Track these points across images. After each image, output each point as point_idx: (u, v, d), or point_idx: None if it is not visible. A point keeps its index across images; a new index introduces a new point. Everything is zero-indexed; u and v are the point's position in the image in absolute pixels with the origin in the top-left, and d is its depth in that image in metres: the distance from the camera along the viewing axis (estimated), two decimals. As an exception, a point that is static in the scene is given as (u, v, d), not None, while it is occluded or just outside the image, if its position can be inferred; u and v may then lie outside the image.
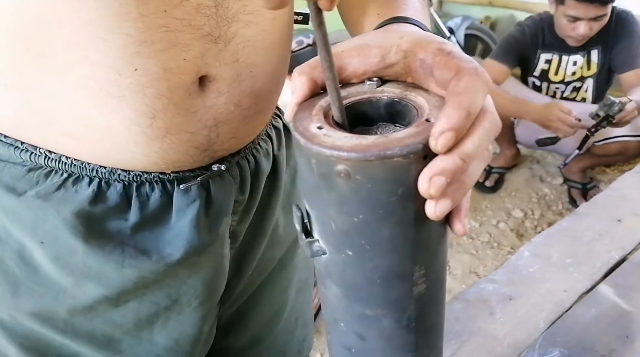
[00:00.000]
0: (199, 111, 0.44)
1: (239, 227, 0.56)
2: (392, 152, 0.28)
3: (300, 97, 0.34)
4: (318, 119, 0.32)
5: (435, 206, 0.29)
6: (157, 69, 0.40)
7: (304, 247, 0.35)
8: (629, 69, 2.11)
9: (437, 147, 0.27)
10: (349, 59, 0.34)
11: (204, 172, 0.49)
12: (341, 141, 0.29)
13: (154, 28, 0.39)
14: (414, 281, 0.34)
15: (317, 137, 0.30)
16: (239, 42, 0.44)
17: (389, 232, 0.31)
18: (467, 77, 0.30)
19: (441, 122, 0.28)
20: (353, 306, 0.36)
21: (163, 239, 0.48)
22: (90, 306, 0.48)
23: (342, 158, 0.28)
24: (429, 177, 0.28)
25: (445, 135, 0.27)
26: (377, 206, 0.30)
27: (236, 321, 0.65)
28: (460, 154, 0.28)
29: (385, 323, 0.36)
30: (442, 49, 0.32)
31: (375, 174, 0.28)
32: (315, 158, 0.29)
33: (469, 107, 0.28)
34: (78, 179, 0.45)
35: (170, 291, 0.51)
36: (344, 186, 0.29)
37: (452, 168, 0.28)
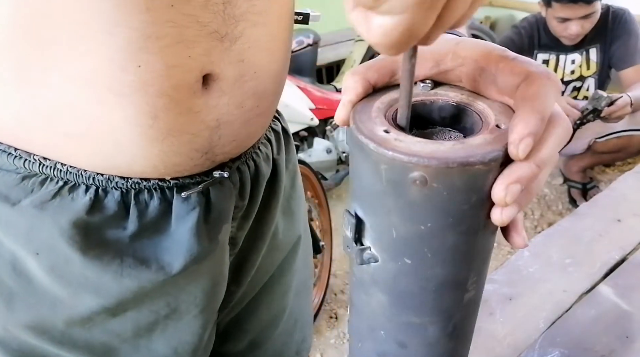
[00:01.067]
0: (202, 111, 0.44)
1: (239, 234, 0.55)
2: (474, 160, 0.27)
3: (354, 97, 0.33)
4: (381, 122, 0.30)
5: (502, 212, 0.28)
6: (161, 65, 0.39)
7: (354, 255, 0.33)
8: (627, 66, 2.12)
9: (518, 153, 0.27)
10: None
11: (204, 179, 0.48)
12: (417, 147, 0.27)
13: (161, 23, 0.38)
14: (466, 288, 0.33)
15: (389, 142, 0.28)
16: (245, 42, 0.43)
17: (454, 240, 0.30)
18: (538, 81, 0.29)
19: (519, 128, 0.27)
20: (400, 314, 0.35)
21: (162, 248, 0.47)
22: (88, 317, 0.47)
23: (420, 164, 0.27)
24: (507, 184, 0.27)
25: (525, 141, 0.27)
26: (449, 214, 0.29)
27: (235, 327, 0.64)
28: (536, 161, 0.28)
29: (430, 331, 0.35)
30: (505, 55, 0.31)
31: (454, 181, 0.27)
32: (388, 164, 0.28)
33: (543, 111, 0.28)
34: (74, 186, 0.43)
35: (169, 299, 0.50)
36: (417, 192, 0.28)
37: (528, 175, 0.27)
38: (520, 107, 0.28)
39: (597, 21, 2.11)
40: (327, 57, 2.70)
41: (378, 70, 0.34)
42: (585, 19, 2.05)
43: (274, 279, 0.64)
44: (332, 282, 1.92)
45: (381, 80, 0.34)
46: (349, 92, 0.33)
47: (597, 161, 2.33)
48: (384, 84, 0.34)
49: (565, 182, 2.44)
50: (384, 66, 0.34)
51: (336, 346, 1.75)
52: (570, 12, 2.02)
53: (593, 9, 2.02)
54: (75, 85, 0.39)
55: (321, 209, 1.78)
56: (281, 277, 0.65)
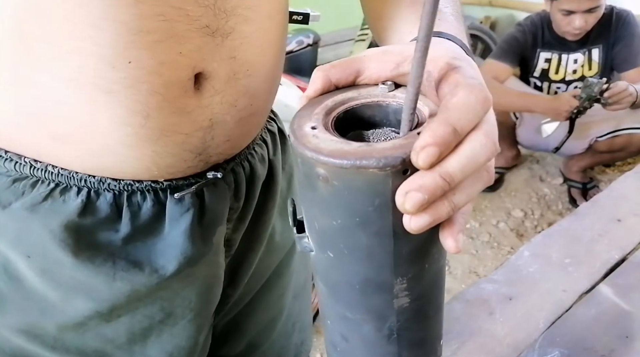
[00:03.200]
0: (194, 111, 0.43)
1: (234, 236, 0.54)
2: (367, 163, 0.27)
3: (312, 92, 0.34)
4: (316, 119, 0.31)
5: (410, 220, 0.28)
6: (152, 62, 0.39)
7: (296, 241, 0.35)
8: (630, 67, 2.13)
9: (418, 161, 0.26)
10: (368, 63, 0.34)
11: (198, 180, 0.47)
12: (324, 144, 0.28)
13: (150, 16, 0.37)
14: (394, 293, 0.33)
15: (305, 137, 0.29)
16: (236, 38, 0.43)
17: (367, 241, 0.30)
18: (461, 93, 0.28)
19: (424, 136, 0.27)
20: (336, 307, 0.36)
21: (156, 251, 0.46)
22: (81, 321, 0.47)
23: (320, 161, 0.28)
24: (405, 191, 0.27)
25: (427, 150, 0.26)
26: (354, 214, 0.29)
27: (232, 330, 0.63)
28: (441, 172, 0.27)
29: (365, 329, 0.36)
30: (451, 63, 0.31)
31: (351, 182, 0.28)
32: (300, 157, 0.29)
33: (456, 123, 0.27)
34: (66, 189, 0.43)
35: (163, 304, 0.49)
36: (323, 188, 0.29)
37: (431, 185, 0.27)
38: (437, 116, 0.28)
39: (600, 22, 2.11)
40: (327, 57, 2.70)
41: (342, 70, 0.34)
42: (590, 13, 2.05)
43: (271, 281, 0.64)
44: (332, 282, 1.92)
45: (344, 79, 0.34)
46: (309, 87, 0.34)
47: (597, 160, 2.33)
48: (347, 83, 0.34)
49: (565, 182, 2.43)
50: (349, 66, 0.34)
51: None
52: (575, 4, 2.02)
53: (598, 2, 2.02)
54: (63, 84, 0.38)
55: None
56: (278, 279, 0.65)
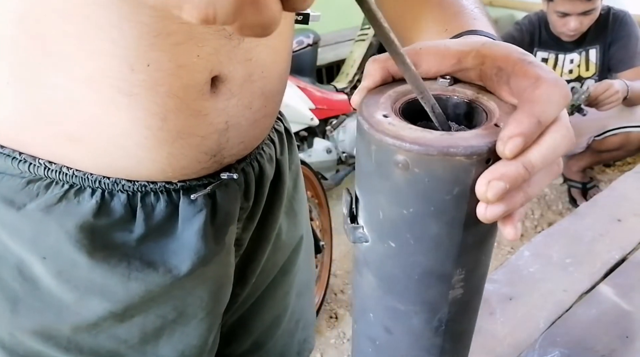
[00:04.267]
0: (211, 113, 0.43)
1: (244, 235, 0.55)
2: (455, 150, 0.27)
3: (371, 83, 0.34)
4: (385, 107, 0.31)
5: (486, 209, 0.28)
6: (171, 64, 0.39)
7: (347, 232, 0.34)
8: (627, 67, 2.13)
9: (504, 151, 0.27)
10: (425, 56, 0.34)
11: (210, 180, 0.48)
12: (405, 131, 0.28)
13: (170, 18, 0.37)
14: (452, 284, 0.33)
15: (381, 124, 0.29)
16: (252, 40, 0.43)
17: (437, 230, 0.30)
18: (544, 86, 0.29)
19: (511, 127, 0.27)
20: (386, 298, 0.36)
21: (169, 251, 0.47)
22: (95, 322, 0.47)
23: (403, 148, 0.28)
24: (488, 180, 0.27)
25: (514, 140, 0.27)
26: (430, 202, 0.29)
27: (238, 329, 0.64)
28: (524, 162, 0.27)
29: (415, 321, 0.35)
30: (523, 58, 0.31)
31: (434, 169, 0.28)
32: (376, 144, 0.29)
33: (541, 115, 0.28)
34: (80, 190, 0.43)
35: (176, 303, 0.50)
36: (400, 176, 0.29)
37: (514, 174, 0.27)
38: (520, 108, 0.29)
39: (597, 22, 2.11)
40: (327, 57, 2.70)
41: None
42: (585, 15, 2.05)
43: (277, 280, 0.64)
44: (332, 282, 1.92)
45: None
46: (367, 78, 0.34)
47: (596, 160, 2.33)
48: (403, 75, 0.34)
49: (565, 182, 2.44)
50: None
51: (336, 346, 1.75)
52: (571, 6, 2.03)
53: (593, 5, 2.03)
54: (82, 85, 0.38)
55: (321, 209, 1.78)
56: (284, 278, 0.65)
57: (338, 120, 2.22)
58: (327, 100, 2.14)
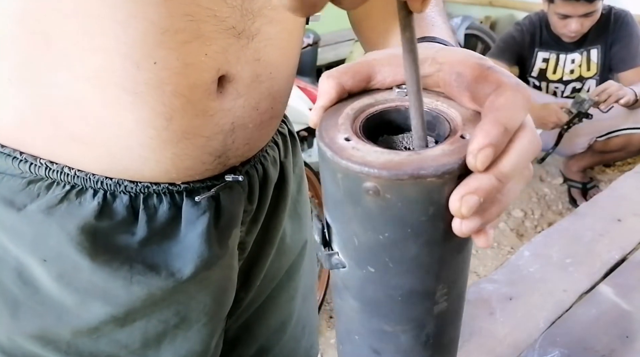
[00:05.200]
0: (217, 114, 0.43)
1: (247, 238, 0.54)
2: (426, 172, 0.26)
3: (327, 101, 0.32)
4: (345, 129, 0.30)
5: (461, 223, 0.27)
6: (178, 63, 0.38)
7: (322, 259, 0.33)
8: (628, 67, 2.13)
9: (476, 164, 0.26)
10: (379, 67, 0.33)
11: (214, 183, 0.47)
12: (371, 156, 0.27)
13: (178, 16, 0.37)
14: (435, 299, 0.32)
15: (346, 151, 0.28)
16: (261, 40, 0.43)
17: (416, 251, 0.29)
18: (508, 93, 0.28)
19: (479, 138, 0.26)
20: (371, 321, 0.35)
21: (172, 254, 0.46)
22: (96, 326, 0.46)
23: (372, 175, 0.26)
24: (461, 195, 0.26)
25: (484, 151, 0.26)
26: (406, 225, 0.28)
27: (244, 334, 0.63)
28: (496, 173, 0.27)
29: (402, 339, 0.35)
30: (481, 63, 0.31)
31: (406, 193, 0.27)
32: (342, 172, 0.28)
33: (507, 122, 0.27)
34: (82, 191, 0.42)
35: (179, 308, 0.49)
36: (372, 203, 0.28)
37: (487, 187, 0.26)
38: (485, 117, 0.28)
39: (599, 22, 2.11)
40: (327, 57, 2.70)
41: (353, 76, 0.33)
42: (586, 17, 2.05)
43: (282, 284, 0.64)
44: (332, 282, 1.92)
45: (357, 85, 0.33)
46: (322, 97, 0.32)
47: (597, 160, 2.33)
48: (359, 89, 0.33)
49: (565, 182, 2.43)
50: (359, 71, 0.33)
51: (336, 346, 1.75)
52: (571, 9, 2.03)
53: (594, 7, 2.03)
54: (85, 84, 0.38)
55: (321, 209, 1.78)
56: (289, 282, 0.64)
57: (338, 120, 2.22)
58: (327, 100, 2.14)
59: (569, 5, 2.02)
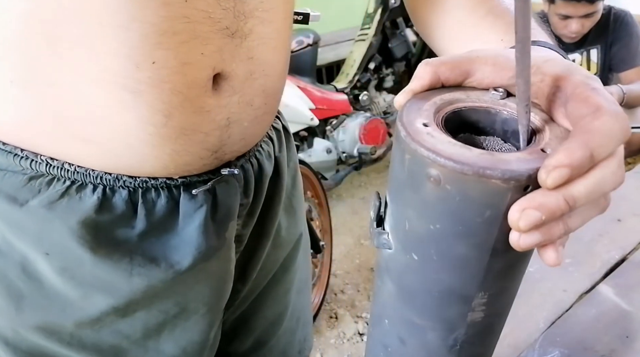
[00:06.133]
0: (213, 110, 0.44)
1: (244, 231, 0.55)
2: (492, 173, 0.25)
3: (418, 86, 0.32)
4: (427, 115, 0.30)
5: (520, 237, 0.27)
6: (176, 62, 0.39)
7: (372, 235, 0.33)
8: (628, 67, 2.13)
9: (546, 180, 0.25)
10: (480, 65, 0.32)
11: (211, 177, 0.48)
12: (442, 145, 0.27)
13: (176, 18, 0.38)
14: (472, 306, 0.32)
15: (420, 134, 0.28)
16: (254, 39, 0.44)
17: (463, 251, 0.29)
18: (605, 118, 0.27)
19: (559, 156, 0.25)
20: (403, 309, 0.35)
21: (171, 246, 0.47)
22: (98, 318, 0.47)
23: (437, 163, 0.26)
24: (524, 208, 0.25)
25: (560, 170, 0.25)
26: (459, 222, 0.28)
27: (240, 326, 0.64)
28: (566, 195, 0.26)
29: (430, 336, 0.34)
30: (587, 82, 0.29)
31: (467, 189, 0.26)
32: (411, 154, 0.28)
33: (596, 149, 0.26)
34: (82, 186, 0.43)
35: (178, 298, 0.50)
36: (431, 191, 0.27)
37: (552, 206, 0.25)
38: (574, 137, 0.27)
39: (599, 22, 2.11)
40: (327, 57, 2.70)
41: (452, 68, 0.33)
42: (586, 18, 2.05)
43: (277, 277, 0.65)
44: (332, 282, 1.92)
45: (453, 78, 0.33)
46: (415, 81, 0.32)
47: (597, 161, 2.33)
48: (456, 83, 0.33)
49: (565, 182, 2.44)
50: (459, 65, 0.33)
51: (336, 346, 1.75)
52: (572, 9, 2.03)
53: (595, 8, 2.03)
54: (88, 85, 0.39)
55: (321, 209, 1.78)
56: (284, 275, 0.66)
57: (338, 120, 2.22)
58: (327, 100, 2.14)
59: (570, 6, 2.03)
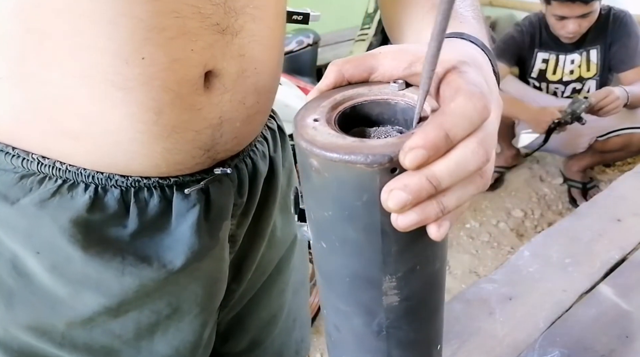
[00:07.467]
0: (205, 108, 0.44)
1: (238, 231, 0.55)
2: (355, 158, 0.27)
3: (324, 85, 0.34)
4: (321, 112, 0.32)
5: (397, 218, 0.28)
6: (166, 58, 0.39)
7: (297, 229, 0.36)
8: (628, 67, 2.13)
9: (404, 161, 0.27)
10: (382, 60, 0.34)
11: (204, 176, 0.48)
12: (321, 137, 0.29)
13: (165, 13, 0.38)
14: (382, 290, 0.33)
15: (304, 128, 0.30)
16: (245, 37, 0.44)
17: (355, 235, 0.31)
18: (459, 99, 0.28)
19: (415, 138, 0.27)
20: (330, 296, 0.37)
21: (163, 246, 0.47)
22: (89, 317, 0.47)
23: (313, 153, 0.29)
24: (390, 189, 0.27)
25: (415, 151, 0.26)
26: (344, 207, 0.30)
27: (235, 326, 0.64)
28: (428, 174, 0.27)
29: (355, 322, 0.36)
30: (457, 66, 0.31)
31: (340, 176, 0.28)
32: (298, 147, 0.30)
33: (451, 129, 0.27)
34: (73, 185, 0.43)
35: (171, 299, 0.50)
36: (316, 179, 0.30)
37: (416, 186, 0.27)
38: (431, 119, 0.28)
39: (598, 22, 2.11)
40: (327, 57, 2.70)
41: (356, 66, 0.34)
42: (583, 18, 2.06)
43: (273, 277, 0.65)
44: (332, 282, 1.92)
45: (358, 75, 0.34)
46: (322, 80, 0.34)
47: (597, 160, 2.33)
48: (360, 79, 0.35)
49: (565, 182, 2.44)
50: (363, 62, 0.34)
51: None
52: (568, 10, 2.04)
53: (591, 8, 2.03)
54: (77, 80, 0.38)
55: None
56: (279, 275, 0.66)
57: (338, 120, 2.22)
58: (327, 100, 2.14)
59: (566, 6, 2.03)
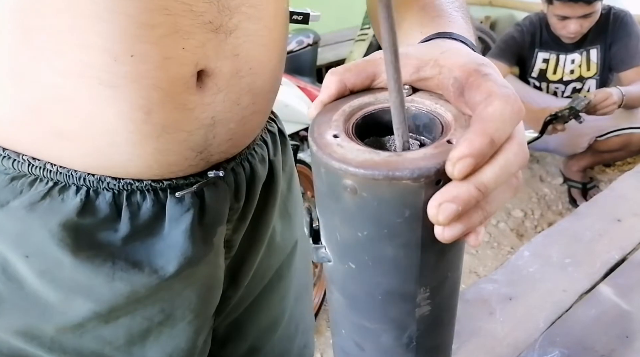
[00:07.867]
0: (197, 108, 0.43)
1: (234, 236, 0.54)
2: (401, 174, 0.26)
3: (327, 97, 0.33)
4: (336, 126, 0.30)
5: (444, 230, 0.27)
6: (156, 56, 0.38)
7: (311, 252, 0.34)
8: (627, 67, 2.13)
9: (453, 173, 0.26)
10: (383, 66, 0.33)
11: (198, 179, 0.47)
12: (352, 154, 0.28)
13: (155, 10, 0.37)
14: (417, 302, 0.32)
15: (330, 147, 0.28)
16: (240, 36, 0.43)
17: (393, 252, 0.30)
18: (497, 103, 0.28)
19: (461, 147, 0.26)
20: (353, 316, 0.35)
21: (155, 251, 0.46)
22: (79, 323, 0.46)
23: (349, 173, 0.27)
24: (439, 202, 0.26)
25: (464, 161, 0.26)
26: (382, 226, 0.29)
27: (233, 332, 0.63)
28: (476, 183, 0.27)
29: (384, 339, 0.35)
30: (479, 70, 0.30)
31: (382, 193, 0.27)
32: (325, 168, 0.28)
33: (494, 134, 0.27)
34: (64, 187, 0.42)
35: (163, 305, 0.49)
36: (350, 200, 0.28)
37: (466, 196, 0.26)
38: (472, 126, 0.28)
39: (598, 22, 2.11)
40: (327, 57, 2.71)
41: (357, 74, 0.33)
42: (585, 19, 2.06)
43: (273, 283, 0.63)
44: (332, 282, 1.92)
45: (360, 83, 0.33)
46: (323, 92, 0.33)
47: (597, 160, 2.33)
48: (362, 87, 0.34)
49: (565, 182, 2.44)
50: (363, 69, 0.33)
51: (336, 345, 1.75)
52: (570, 10, 2.04)
53: (593, 9, 2.03)
54: (66, 79, 0.38)
55: (321, 209, 1.78)
56: (279, 281, 0.64)
57: (338, 120, 2.22)
58: (327, 100, 2.14)
59: (568, 7, 2.03)
